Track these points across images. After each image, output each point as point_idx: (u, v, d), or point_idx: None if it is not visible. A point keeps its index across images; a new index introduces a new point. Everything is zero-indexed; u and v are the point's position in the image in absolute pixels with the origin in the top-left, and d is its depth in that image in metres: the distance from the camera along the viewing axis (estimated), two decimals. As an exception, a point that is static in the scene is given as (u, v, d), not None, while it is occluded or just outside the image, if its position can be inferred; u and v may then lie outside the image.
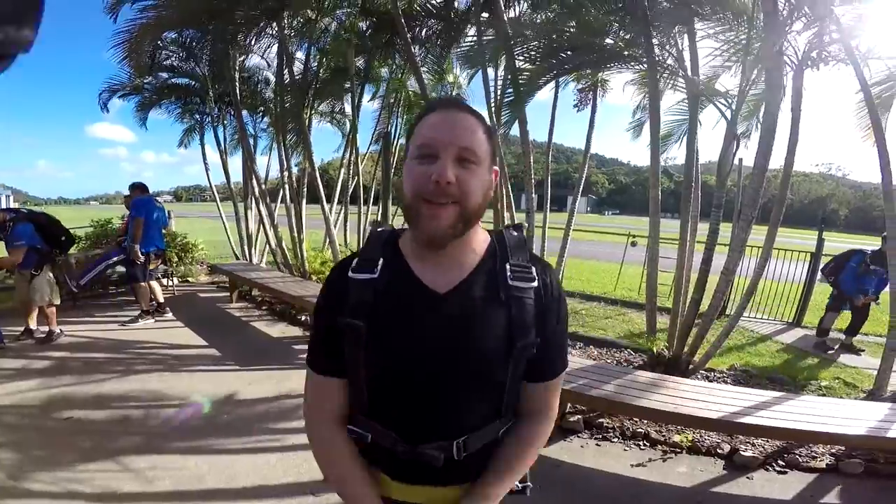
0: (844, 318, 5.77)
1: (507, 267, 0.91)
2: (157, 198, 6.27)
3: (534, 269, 0.93)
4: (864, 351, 5.40)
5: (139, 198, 5.64)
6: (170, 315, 5.84)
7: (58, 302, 4.89)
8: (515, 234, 0.98)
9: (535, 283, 0.91)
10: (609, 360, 4.67)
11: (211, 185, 9.71)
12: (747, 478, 2.80)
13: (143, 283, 5.57)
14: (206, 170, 9.33)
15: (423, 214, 0.84)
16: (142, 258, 5.45)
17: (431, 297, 0.88)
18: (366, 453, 0.96)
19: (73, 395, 3.61)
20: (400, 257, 0.93)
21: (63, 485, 2.53)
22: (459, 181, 0.83)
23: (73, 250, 7.26)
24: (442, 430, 0.90)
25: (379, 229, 0.99)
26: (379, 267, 0.91)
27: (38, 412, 3.35)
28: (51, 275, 4.80)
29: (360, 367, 0.90)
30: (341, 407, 0.97)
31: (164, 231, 6.12)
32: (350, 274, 0.91)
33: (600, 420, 3.36)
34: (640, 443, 3.15)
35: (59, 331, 4.86)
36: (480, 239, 0.96)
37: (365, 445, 0.94)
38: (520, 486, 1.02)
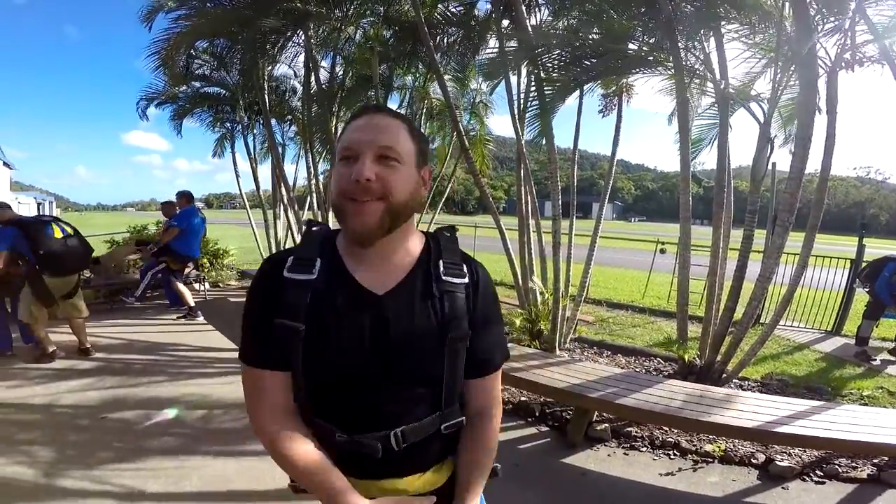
0: (886, 325, 5.51)
1: (441, 264, 0.95)
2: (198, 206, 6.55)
3: (464, 266, 0.97)
4: None
5: (187, 208, 6.03)
6: (201, 318, 6.00)
7: (26, 320, 4.31)
8: (448, 234, 1.02)
9: (466, 280, 0.96)
10: (638, 369, 4.59)
11: (241, 193, 10.00)
12: (783, 488, 2.70)
13: (181, 284, 5.99)
14: (237, 177, 9.64)
15: (349, 212, 0.86)
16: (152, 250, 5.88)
17: (370, 299, 0.90)
18: None
19: (108, 396, 3.71)
20: (337, 258, 0.94)
21: (93, 483, 2.58)
22: (381, 178, 0.85)
23: (105, 250, 7.56)
24: (380, 421, 0.90)
25: (314, 228, 0.99)
26: (317, 268, 0.91)
27: (74, 411, 3.47)
28: (30, 291, 4.21)
29: (299, 368, 0.89)
30: (287, 400, 0.93)
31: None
32: (285, 273, 0.90)
33: (628, 429, 3.30)
34: (670, 452, 3.07)
35: (52, 349, 4.40)
36: (416, 241, 0.99)
37: None
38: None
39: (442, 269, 0.95)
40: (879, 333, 5.84)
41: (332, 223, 1.09)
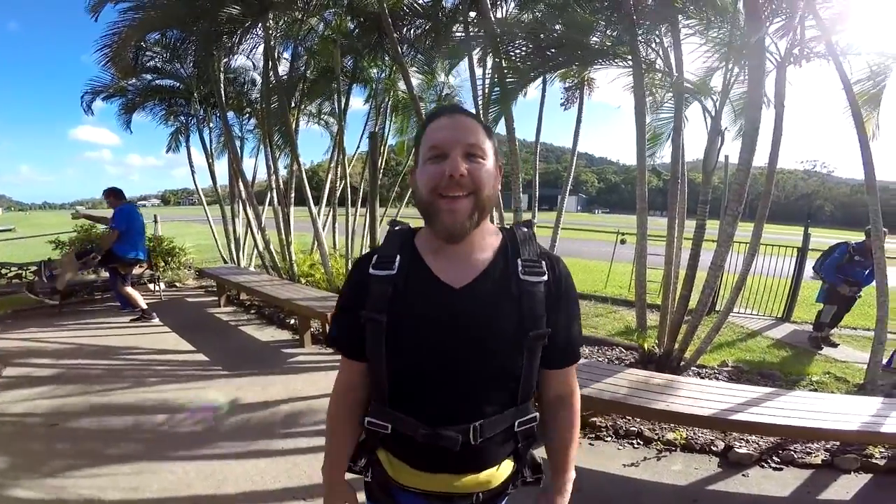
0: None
1: (519, 262, 0.97)
2: (136, 203, 6.05)
3: (543, 263, 0.99)
4: (839, 344, 5.42)
5: (121, 206, 5.45)
6: (157, 320, 5.74)
7: None
8: (525, 230, 1.05)
9: (545, 277, 0.98)
10: (600, 358, 4.67)
11: (197, 189, 9.61)
12: (743, 475, 2.78)
13: (128, 288, 5.58)
14: (192, 173, 9.23)
15: (442, 209, 0.91)
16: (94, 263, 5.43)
17: (447, 292, 0.94)
18: (385, 443, 1.02)
19: (59, 403, 3.55)
20: (416, 254, 0.99)
21: (48, 493, 2.48)
22: (471, 174, 0.90)
23: (50, 251, 7.14)
24: (459, 415, 0.94)
25: (396, 227, 1.06)
26: (396, 263, 0.97)
27: (23, 420, 3.31)
28: None
29: (381, 358, 0.95)
30: (360, 387, 1.07)
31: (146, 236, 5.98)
32: (371, 270, 0.98)
33: (592, 419, 3.33)
34: (634, 441, 3.13)
35: None
36: (493, 237, 1.02)
37: (384, 436, 1.00)
38: (533, 477, 1.10)
39: (521, 267, 0.97)
40: (809, 317, 6.14)
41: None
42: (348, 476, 1.12)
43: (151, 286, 7.30)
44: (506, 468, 1.03)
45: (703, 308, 3.88)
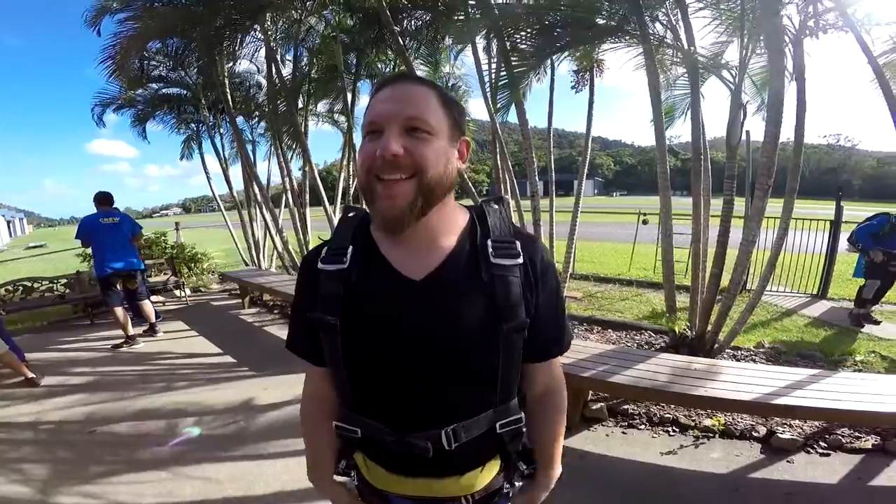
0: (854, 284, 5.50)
1: (489, 244, 0.84)
2: (110, 211, 5.17)
3: (518, 243, 0.85)
4: (881, 321, 5.13)
5: (85, 217, 5.02)
6: (184, 325, 5.86)
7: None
8: (496, 207, 0.91)
9: (520, 259, 0.84)
10: (629, 344, 4.56)
11: (214, 195, 9.70)
12: (787, 461, 2.65)
13: (114, 309, 5.01)
14: (208, 179, 9.31)
15: (379, 194, 0.79)
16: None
17: (406, 285, 0.82)
18: (359, 447, 0.95)
19: (96, 410, 3.65)
20: (371, 243, 0.87)
21: (88, 498, 2.55)
22: (411, 152, 0.77)
23: (85, 268, 7.28)
24: (430, 420, 0.85)
25: (350, 214, 0.93)
26: (348, 256, 0.85)
27: (62, 427, 3.42)
28: None
29: (339, 364, 0.86)
30: (328, 393, 0.96)
31: (133, 244, 5.24)
32: (319, 265, 0.86)
33: (625, 406, 3.24)
34: (669, 429, 3.02)
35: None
36: (458, 217, 0.89)
37: (357, 440, 0.92)
38: (528, 469, 0.99)
39: (491, 249, 0.83)
40: (847, 293, 5.92)
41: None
42: (338, 479, 1.03)
43: (177, 292, 7.43)
44: (491, 469, 0.94)
45: (735, 287, 3.74)
